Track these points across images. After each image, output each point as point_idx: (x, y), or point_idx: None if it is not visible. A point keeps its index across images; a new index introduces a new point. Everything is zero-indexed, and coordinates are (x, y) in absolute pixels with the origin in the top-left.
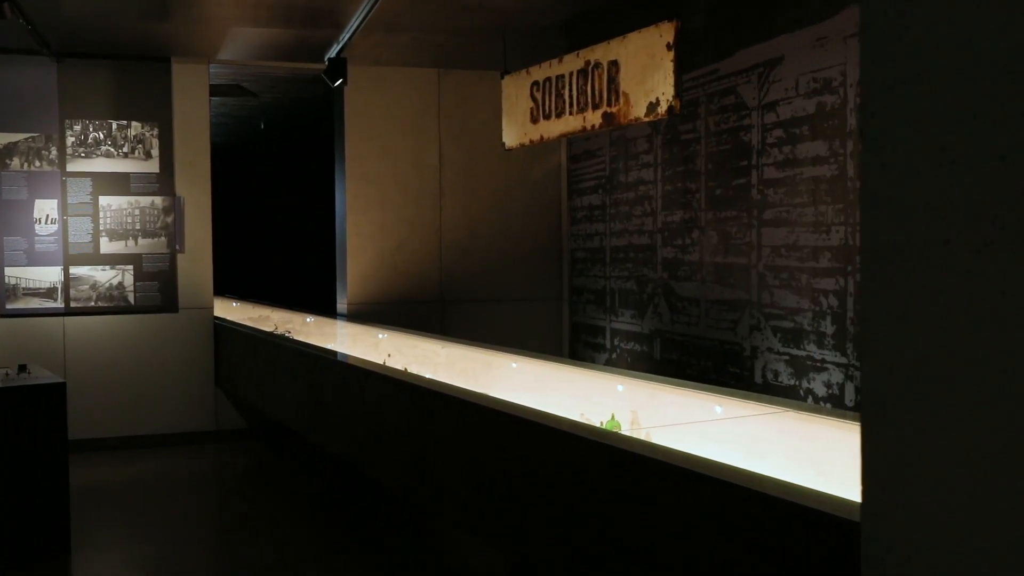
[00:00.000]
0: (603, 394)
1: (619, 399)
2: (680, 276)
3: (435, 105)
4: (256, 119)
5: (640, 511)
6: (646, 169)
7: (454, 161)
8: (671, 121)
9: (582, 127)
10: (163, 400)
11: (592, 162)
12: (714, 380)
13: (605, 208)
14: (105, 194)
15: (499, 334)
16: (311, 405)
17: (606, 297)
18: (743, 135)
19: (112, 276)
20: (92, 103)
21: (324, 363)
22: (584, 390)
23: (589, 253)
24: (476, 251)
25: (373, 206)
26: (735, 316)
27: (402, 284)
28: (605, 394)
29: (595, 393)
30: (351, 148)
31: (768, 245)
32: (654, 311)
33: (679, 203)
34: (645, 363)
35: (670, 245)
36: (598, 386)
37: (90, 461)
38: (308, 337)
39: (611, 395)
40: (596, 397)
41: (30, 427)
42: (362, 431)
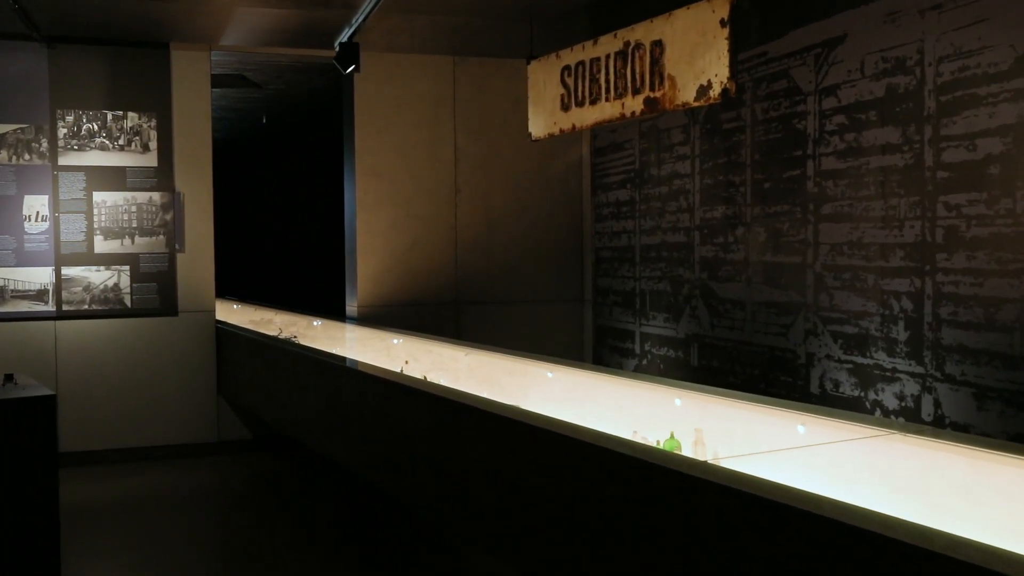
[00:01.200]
0: (654, 408)
1: (675, 414)
2: (721, 277)
3: (450, 95)
4: (259, 112)
5: (735, 558)
6: (682, 162)
7: (470, 155)
8: (710, 110)
9: (620, 114)
10: (161, 410)
11: (620, 155)
12: (762, 389)
13: (634, 204)
14: (100, 189)
15: (518, 337)
16: (325, 417)
17: (635, 299)
18: (797, 123)
19: (107, 277)
20: (85, 92)
21: (339, 372)
22: (632, 403)
23: (616, 252)
24: (493, 250)
25: (384, 202)
26: (787, 320)
27: (415, 285)
28: (657, 408)
29: (644, 406)
30: (361, 141)
31: (827, 242)
32: (691, 314)
33: (720, 198)
34: (680, 370)
35: (709, 243)
36: (647, 398)
37: (83, 476)
38: (316, 342)
39: (665, 409)
40: (647, 411)
41: (17, 444)
42: (383, 447)
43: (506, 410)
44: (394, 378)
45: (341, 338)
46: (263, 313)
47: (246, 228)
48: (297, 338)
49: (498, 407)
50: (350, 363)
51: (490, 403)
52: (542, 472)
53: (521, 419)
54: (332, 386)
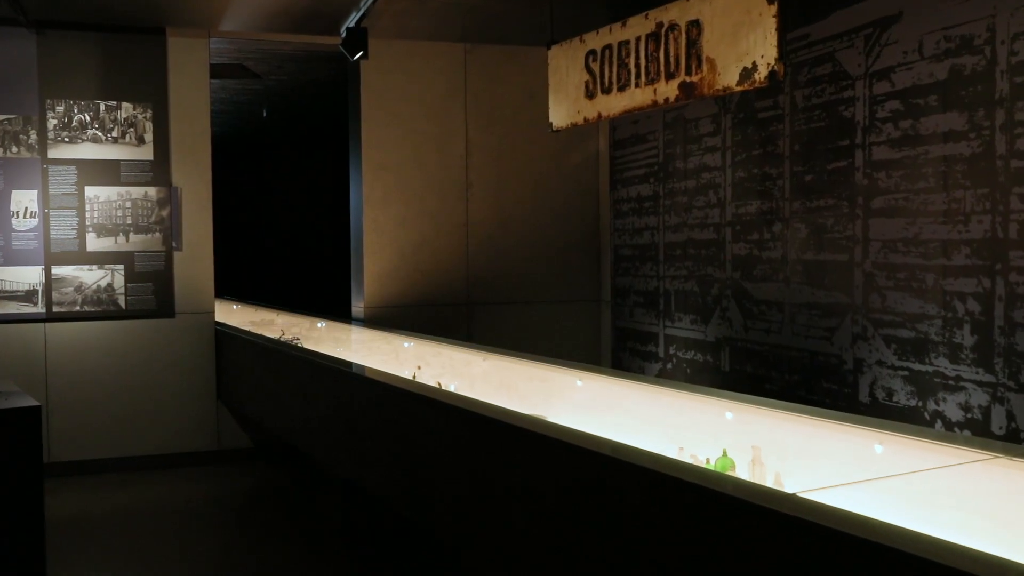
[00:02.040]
0: (699, 421)
1: (724, 428)
2: (756, 276)
3: (461, 85)
4: (259, 105)
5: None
6: (711, 154)
7: (482, 148)
8: (743, 98)
9: (652, 101)
10: (158, 417)
11: (642, 147)
12: (803, 397)
13: (658, 199)
14: (92, 184)
15: (532, 340)
16: (330, 428)
17: (659, 299)
18: (843, 110)
19: (100, 277)
20: (77, 81)
21: (347, 379)
22: (672, 415)
23: (637, 250)
24: (506, 248)
25: (392, 198)
26: (832, 323)
27: (424, 285)
28: (702, 421)
29: (687, 419)
30: (368, 134)
31: (878, 239)
32: (721, 316)
33: (755, 192)
34: (709, 375)
35: (742, 240)
36: (690, 410)
37: (74, 487)
38: (320, 345)
39: (712, 422)
40: (690, 425)
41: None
42: (395, 461)
43: (540, 426)
44: (409, 387)
45: (347, 341)
46: (264, 314)
47: (246, 226)
48: (300, 340)
49: (530, 422)
50: (358, 370)
51: (520, 417)
52: (581, 495)
53: (558, 436)
54: (339, 394)
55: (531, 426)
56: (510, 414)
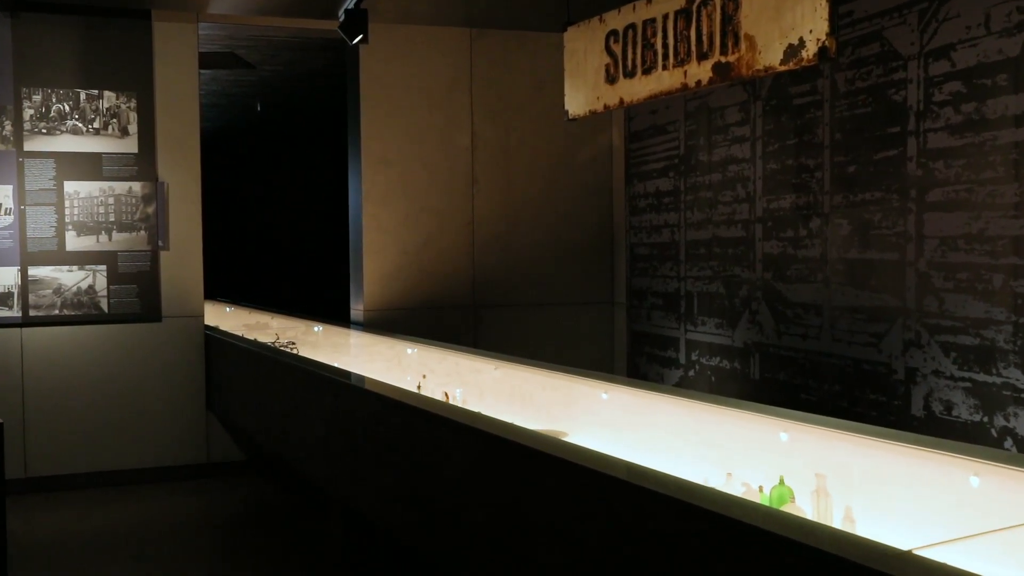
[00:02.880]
0: (746, 441)
1: (778, 450)
2: (790, 276)
3: (467, 73)
4: (253, 98)
5: None
6: (739, 145)
7: (489, 141)
8: (776, 83)
9: (682, 84)
10: (143, 428)
11: (661, 139)
12: (846, 409)
13: (679, 194)
14: (72, 179)
15: (542, 344)
16: (326, 445)
17: (680, 302)
18: (894, 93)
19: (80, 278)
20: (55, 67)
21: (345, 391)
22: (713, 433)
23: (656, 249)
24: (515, 247)
25: (394, 195)
26: (879, 328)
27: (429, 286)
28: (749, 441)
29: (732, 439)
30: (368, 126)
31: (935, 235)
32: (751, 320)
33: (789, 185)
34: (737, 383)
35: (775, 238)
36: (733, 427)
37: (52, 504)
38: (317, 350)
39: (761, 443)
40: (736, 445)
41: None
42: (399, 487)
43: (569, 452)
44: (414, 401)
45: (345, 346)
46: (258, 317)
47: (240, 224)
48: (295, 346)
49: (556, 446)
50: (356, 380)
51: (546, 441)
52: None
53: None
54: (335, 407)
55: (559, 452)
56: (533, 437)
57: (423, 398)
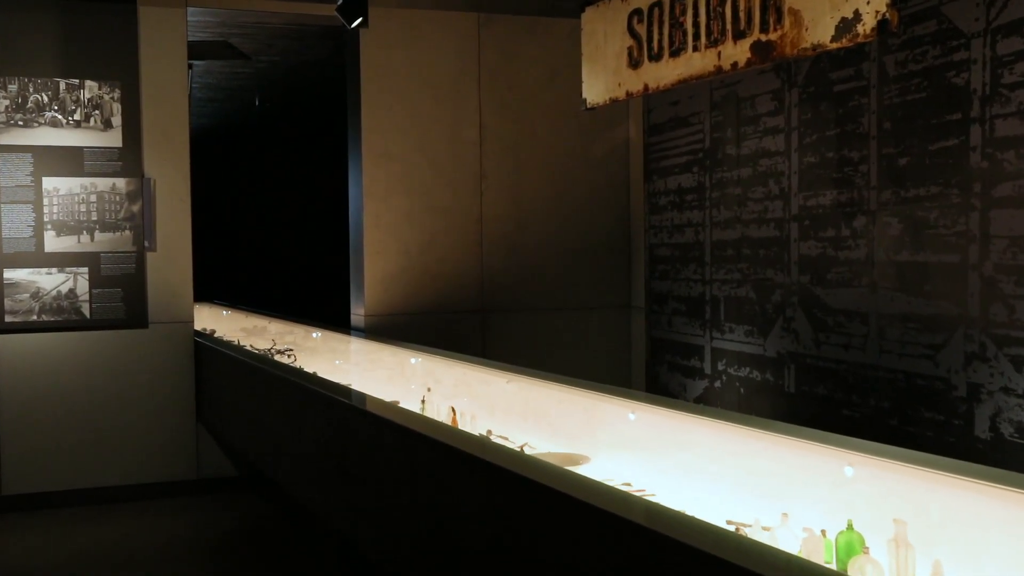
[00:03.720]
0: (803, 473)
1: (842, 488)
2: (831, 280)
3: (475, 62)
4: (251, 92)
5: None
6: (772, 136)
7: (499, 134)
8: (814, 69)
9: (715, 67)
10: (128, 441)
11: (683, 132)
12: (896, 428)
13: (704, 191)
14: (51, 174)
15: (554, 352)
16: (322, 469)
17: (704, 307)
18: (953, 76)
19: (60, 281)
20: (32, 55)
21: (340, 410)
22: (766, 466)
23: (678, 250)
24: (525, 248)
25: (396, 192)
26: (936, 339)
27: (433, 289)
28: (807, 474)
29: (786, 471)
30: (369, 118)
31: (1003, 235)
32: (785, 327)
33: (829, 180)
34: (768, 396)
35: (813, 238)
36: (787, 457)
37: (29, 525)
38: (316, 358)
39: (823, 478)
40: (793, 479)
41: None
42: (403, 523)
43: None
44: (417, 424)
45: (345, 354)
46: (256, 321)
47: (239, 224)
48: (292, 353)
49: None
50: (351, 398)
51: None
52: None
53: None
54: (329, 427)
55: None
56: (548, 471)
57: (425, 420)
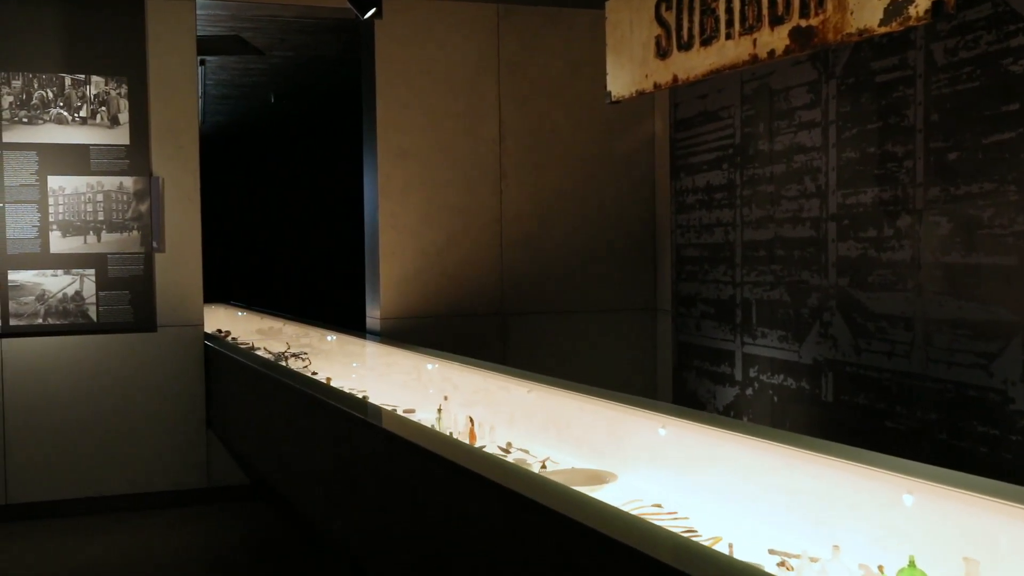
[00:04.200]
0: (852, 500)
1: (900, 518)
2: (873, 284)
3: (494, 55)
4: (265, 88)
5: None
6: (808, 131)
7: (519, 131)
8: (854, 58)
9: (751, 56)
10: (136, 449)
11: (712, 127)
12: (945, 442)
13: (733, 189)
14: (56, 173)
15: (576, 355)
16: (330, 487)
17: (735, 310)
18: (1010, 63)
19: (66, 284)
20: (37, 50)
21: (348, 422)
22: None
23: (707, 250)
24: (546, 248)
25: (413, 190)
26: (991, 347)
27: (451, 291)
28: (857, 501)
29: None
30: (384, 114)
31: None
32: (822, 332)
33: (871, 177)
34: (804, 405)
35: (852, 238)
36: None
37: (33, 535)
38: (330, 361)
39: (876, 507)
40: (841, 506)
41: None
42: (415, 550)
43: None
44: (432, 443)
45: (359, 359)
46: (271, 322)
47: (255, 224)
48: (307, 356)
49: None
50: (361, 409)
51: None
52: None
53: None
54: (337, 439)
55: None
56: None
57: (437, 437)
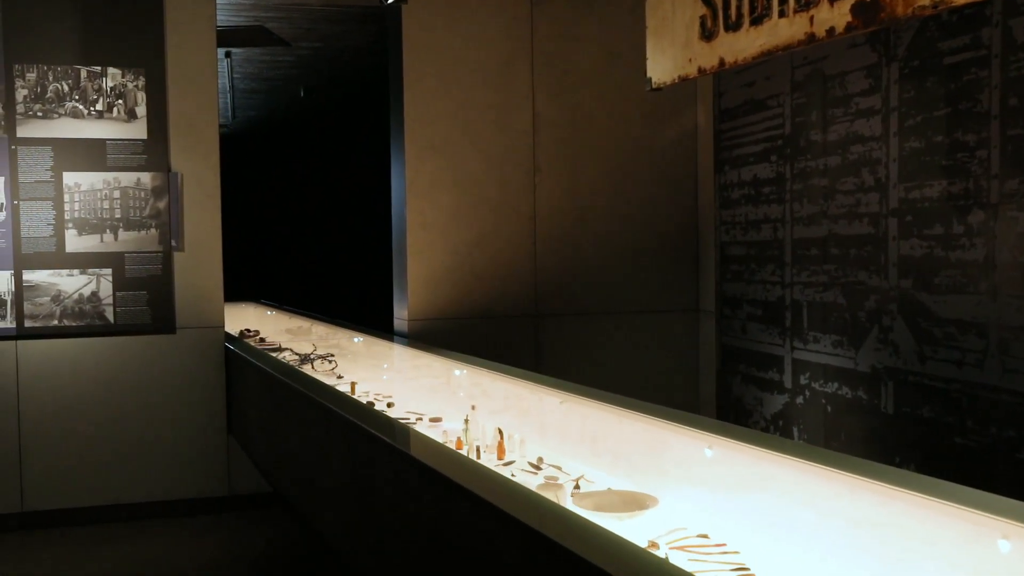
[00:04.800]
0: (935, 539)
1: (994, 562)
2: (939, 286)
3: (527, 44)
4: (294, 82)
5: None
6: (866, 119)
7: (553, 123)
8: (919, 37)
9: (807, 35)
10: (155, 455)
11: (760, 116)
12: (1022, 464)
13: (783, 183)
14: (72, 169)
15: (615, 359)
16: (345, 508)
17: (784, 312)
18: None
19: (82, 284)
20: (51, 41)
21: (365, 442)
22: (873, 517)
23: (753, 248)
24: (583, 246)
25: (442, 186)
26: None
27: (482, 292)
28: (941, 540)
29: (911, 535)
30: (412, 106)
31: None
32: (882, 338)
33: (938, 168)
34: (861, 416)
35: (916, 236)
36: (914, 517)
37: (51, 543)
38: (355, 365)
39: (965, 548)
40: (921, 548)
41: None
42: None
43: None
44: (454, 472)
45: (383, 363)
46: (300, 322)
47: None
48: (333, 359)
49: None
50: (377, 426)
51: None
52: None
53: None
54: (353, 457)
55: None
56: (619, 553)
57: (463, 463)
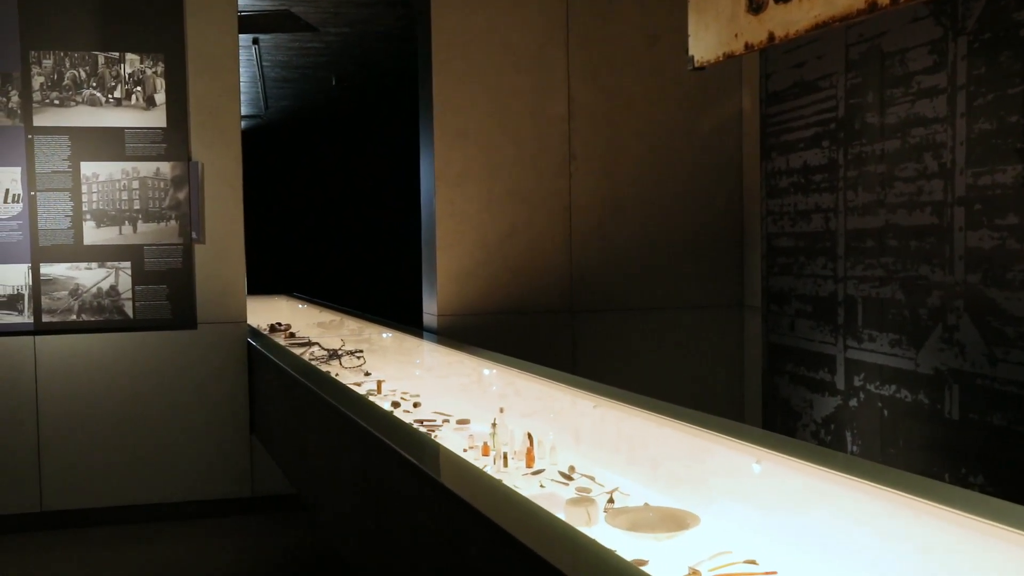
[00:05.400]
0: (1007, 568)
1: None
2: (1012, 281)
3: (563, 26)
4: (323, 70)
5: None
6: (929, 100)
7: (590, 108)
8: (988, 10)
9: (868, 4)
10: (176, 454)
11: (811, 99)
12: None
13: (836, 170)
14: (89, 159)
15: (655, 358)
16: (360, 521)
17: (837, 309)
18: None
19: (101, 278)
20: (68, 27)
21: (378, 453)
22: (944, 542)
23: (803, 240)
24: (620, 238)
25: (473, 175)
26: None
27: (515, 286)
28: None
29: (977, 558)
30: (441, 92)
31: None
32: (945, 337)
33: (1011, 152)
34: (923, 422)
35: (986, 226)
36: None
37: (69, 544)
38: (383, 362)
39: None
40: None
41: None
42: None
43: None
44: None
45: (411, 360)
46: (330, 316)
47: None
48: (362, 355)
49: None
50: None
51: None
52: None
53: None
54: (367, 469)
55: None
56: None
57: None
